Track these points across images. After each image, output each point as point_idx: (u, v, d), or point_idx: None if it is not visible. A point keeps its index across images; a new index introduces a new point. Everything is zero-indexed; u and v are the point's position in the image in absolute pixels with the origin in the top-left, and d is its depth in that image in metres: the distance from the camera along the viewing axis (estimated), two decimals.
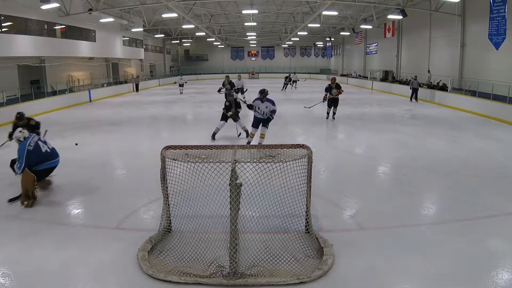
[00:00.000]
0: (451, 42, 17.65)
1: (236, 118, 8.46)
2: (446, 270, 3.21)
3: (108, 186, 5.51)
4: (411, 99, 17.17)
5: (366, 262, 3.34)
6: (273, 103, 7.40)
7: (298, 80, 26.42)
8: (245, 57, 44.57)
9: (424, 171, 6.17)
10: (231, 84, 13.22)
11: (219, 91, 12.98)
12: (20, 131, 4.95)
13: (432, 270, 3.20)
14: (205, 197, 3.76)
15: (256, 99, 7.59)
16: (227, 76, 14.53)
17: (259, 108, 7.50)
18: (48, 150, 5.01)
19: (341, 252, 3.45)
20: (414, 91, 17.07)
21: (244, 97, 14.45)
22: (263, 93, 7.46)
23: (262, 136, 7.71)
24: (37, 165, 4.82)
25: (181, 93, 21.93)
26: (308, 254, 3.44)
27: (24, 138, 4.87)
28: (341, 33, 29.97)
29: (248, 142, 7.81)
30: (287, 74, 24.57)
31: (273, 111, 7.44)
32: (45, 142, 5.06)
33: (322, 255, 3.38)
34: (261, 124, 7.67)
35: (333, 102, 11.22)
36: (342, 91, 11.17)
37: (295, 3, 22.15)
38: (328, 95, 11.04)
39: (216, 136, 8.49)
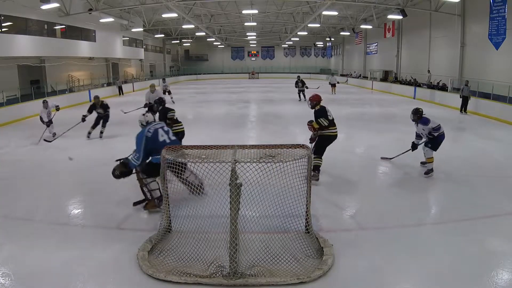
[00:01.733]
0: (451, 42, 17.65)
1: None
2: (446, 270, 3.21)
3: (108, 186, 5.50)
4: (461, 110, 13.22)
5: (366, 262, 3.34)
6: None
7: (338, 83, 20.97)
8: (245, 57, 44.60)
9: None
10: (104, 108, 8.85)
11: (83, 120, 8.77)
12: (144, 114, 4.51)
13: (432, 270, 3.20)
14: (205, 197, 3.76)
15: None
16: (96, 97, 9.06)
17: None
18: (167, 141, 4.33)
19: (341, 252, 3.45)
20: (465, 100, 13.01)
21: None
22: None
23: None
24: (153, 155, 4.17)
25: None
26: (308, 254, 3.43)
27: (147, 122, 4.41)
28: (341, 33, 30.00)
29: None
30: (297, 78, 17.44)
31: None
32: (167, 132, 4.43)
33: (322, 255, 3.38)
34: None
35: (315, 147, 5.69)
36: (315, 130, 5.56)
37: (295, 3, 22.16)
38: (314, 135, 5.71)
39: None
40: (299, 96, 17.11)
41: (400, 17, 18.66)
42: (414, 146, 6.20)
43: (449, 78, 16.85)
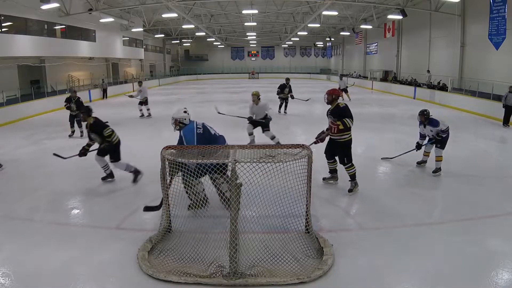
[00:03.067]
0: (451, 42, 17.64)
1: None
2: (446, 270, 3.21)
3: (108, 186, 5.51)
4: (504, 122, 10.51)
5: (366, 262, 3.34)
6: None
7: (348, 86, 17.45)
8: (245, 57, 44.59)
9: (424, 171, 6.17)
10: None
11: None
12: (185, 111, 4.38)
13: (432, 270, 3.20)
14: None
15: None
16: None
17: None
18: (217, 134, 4.19)
19: (341, 252, 3.45)
20: (508, 111, 10.32)
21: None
22: None
23: None
24: None
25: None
26: (308, 254, 3.43)
27: (189, 121, 4.30)
28: (341, 33, 30.00)
29: None
30: (285, 81, 12.44)
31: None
32: (211, 127, 4.28)
33: (322, 255, 3.38)
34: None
35: (337, 152, 5.21)
36: (338, 132, 5.04)
37: (295, 3, 22.16)
38: (324, 134, 5.28)
39: None
40: (280, 106, 12.59)
41: (400, 17, 18.66)
42: (419, 146, 6.19)
43: (449, 78, 16.83)
